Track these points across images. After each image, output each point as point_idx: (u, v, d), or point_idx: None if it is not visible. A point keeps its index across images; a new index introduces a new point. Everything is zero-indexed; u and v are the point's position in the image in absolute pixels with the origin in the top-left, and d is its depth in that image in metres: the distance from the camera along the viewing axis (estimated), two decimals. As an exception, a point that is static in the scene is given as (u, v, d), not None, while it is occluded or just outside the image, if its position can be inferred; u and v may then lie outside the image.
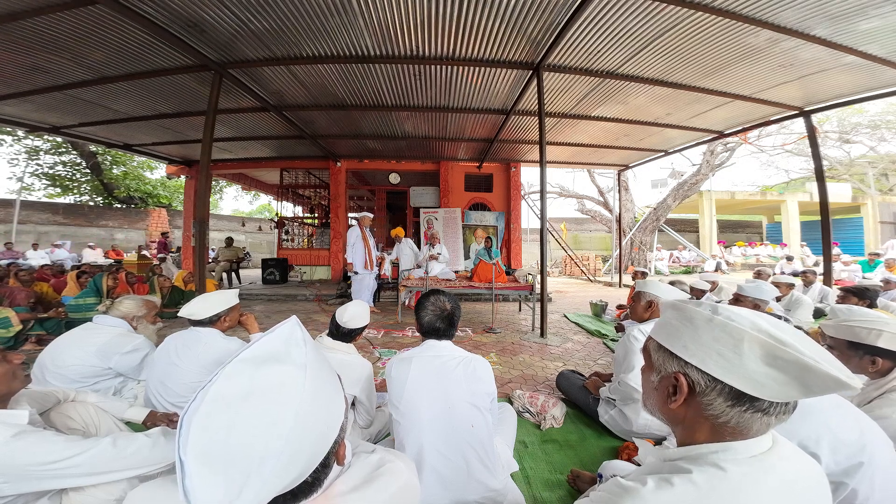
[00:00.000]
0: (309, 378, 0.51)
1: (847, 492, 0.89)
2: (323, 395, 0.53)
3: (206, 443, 0.45)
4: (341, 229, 8.90)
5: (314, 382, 0.52)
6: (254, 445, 0.45)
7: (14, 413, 1.06)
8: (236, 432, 0.45)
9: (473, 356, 1.45)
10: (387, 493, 0.62)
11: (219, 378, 0.49)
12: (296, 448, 0.47)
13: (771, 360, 0.54)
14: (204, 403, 0.47)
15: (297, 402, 0.49)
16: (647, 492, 0.55)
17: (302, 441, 0.48)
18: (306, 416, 0.49)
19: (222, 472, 0.44)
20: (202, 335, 1.90)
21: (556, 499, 1.52)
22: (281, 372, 0.50)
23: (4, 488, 0.97)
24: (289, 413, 0.47)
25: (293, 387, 0.50)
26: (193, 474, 0.43)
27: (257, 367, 0.50)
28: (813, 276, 4.85)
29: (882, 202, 16.80)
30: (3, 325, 3.33)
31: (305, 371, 0.52)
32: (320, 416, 0.52)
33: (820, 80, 4.37)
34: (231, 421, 0.46)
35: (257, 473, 0.44)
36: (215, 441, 0.45)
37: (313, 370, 0.53)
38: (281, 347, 0.54)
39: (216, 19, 3.36)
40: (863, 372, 1.28)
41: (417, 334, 4.13)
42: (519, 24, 3.45)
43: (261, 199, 31.03)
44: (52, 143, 14.89)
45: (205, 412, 0.46)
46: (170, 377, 1.83)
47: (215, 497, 0.43)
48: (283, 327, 0.57)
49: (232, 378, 0.49)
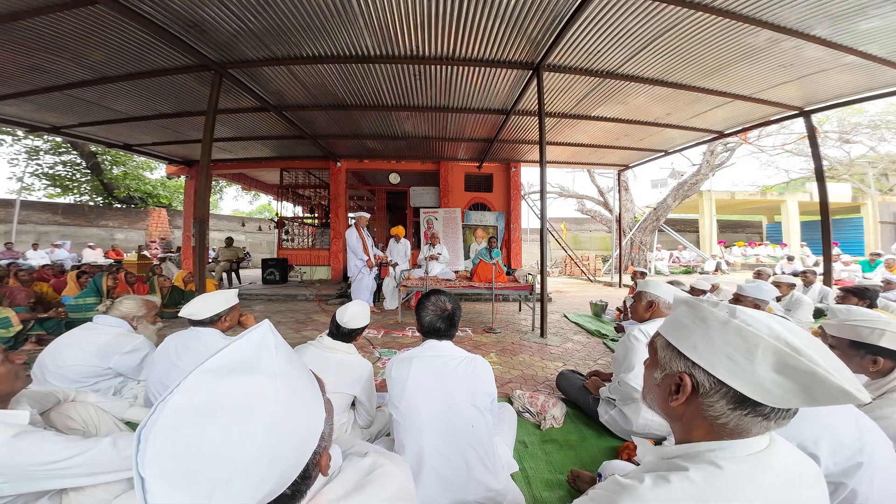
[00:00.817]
0: (280, 387, 0.48)
1: (847, 492, 0.89)
2: (298, 406, 0.49)
3: (167, 459, 0.41)
4: (341, 229, 8.91)
5: (287, 392, 0.48)
6: (219, 462, 0.41)
7: (15, 413, 1.06)
8: (199, 448, 0.41)
9: (474, 356, 1.45)
10: (378, 501, 0.59)
11: (179, 389, 0.45)
12: (267, 463, 0.43)
13: (782, 367, 0.53)
14: (163, 416, 0.43)
15: (267, 415, 0.45)
16: (645, 489, 0.55)
17: (274, 455, 0.44)
18: (278, 429, 0.45)
19: (186, 488, 0.40)
20: (202, 335, 1.90)
21: (556, 499, 1.52)
22: (249, 383, 0.46)
23: (4, 488, 0.97)
24: (257, 426, 0.44)
25: (262, 398, 0.46)
26: (155, 492, 0.40)
27: (223, 378, 0.46)
28: (813, 276, 4.85)
29: (882, 202, 16.81)
30: (3, 325, 3.33)
31: (276, 380, 0.48)
32: (295, 428, 0.48)
33: (820, 80, 4.37)
34: (193, 436, 0.42)
35: (223, 490, 0.40)
36: (176, 457, 0.41)
37: (285, 379, 0.49)
38: (250, 355, 0.50)
39: (216, 19, 3.36)
40: (863, 371, 1.28)
41: (417, 334, 4.13)
42: (519, 24, 3.45)
43: (261, 199, 31.07)
44: (52, 143, 14.89)
45: (164, 426, 0.42)
46: (170, 377, 1.83)
47: None
48: (253, 332, 0.53)
49: (194, 390, 0.45)
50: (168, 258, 10.23)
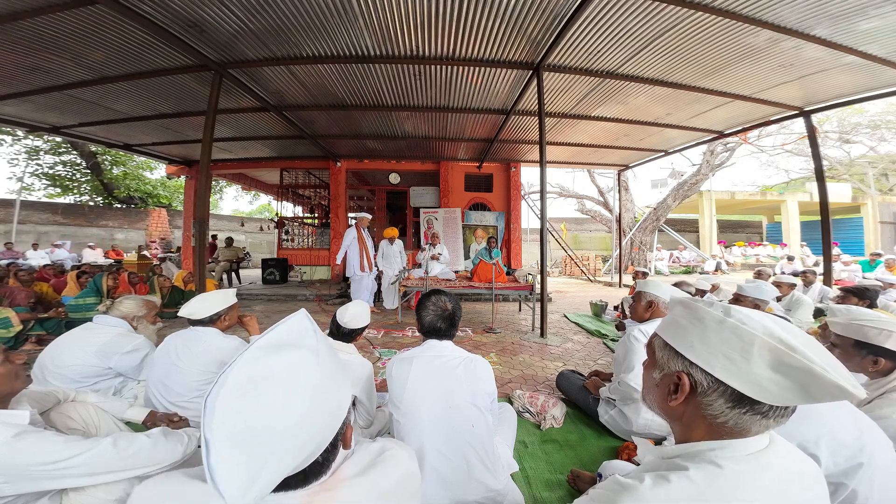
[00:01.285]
0: (321, 362, 0.56)
1: (847, 492, 0.89)
2: (333, 379, 0.58)
3: (230, 424, 0.48)
4: (341, 229, 8.90)
5: (325, 367, 0.57)
6: (273, 425, 0.48)
7: (15, 413, 1.06)
8: (257, 413, 0.49)
9: (474, 356, 1.45)
10: (391, 480, 0.65)
11: (238, 363, 0.52)
12: (310, 427, 0.51)
13: (778, 365, 0.53)
14: (226, 387, 0.50)
15: (311, 384, 0.53)
16: (645, 489, 0.55)
17: (315, 421, 0.52)
18: (319, 397, 0.53)
19: (245, 451, 0.47)
20: (202, 335, 1.90)
21: (556, 499, 1.52)
22: (296, 357, 0.55)
23: (5, 488, 0.97)
24: (304, 394, 0.52)
25: (307, 370, 0.54)
26: (219, 452, 0.46)
27: (274, 353, 0.54)
28: (813, 276, 4.84)
29: (882, 202, 16.81)
30: (3, 325, 3.33)
31: (317, 355, 0.57)
32: (331, 398, 0.56)
33: (820, 80, 4.37)
34: (252, 402, 0.49)
35: (272, 453, 0.47)
36: (238, 421, 0.48)
37: (324, 356, 0.58)
38: (294, 335, 0.58)
39: (216, 19, 3.36)
40: (862, 371, 1.28)
41: (417, 334, 4.13)
42: (519, 24, 3.45)
43: (261, 199, 31.06)
44: (52, 143, 14.89)
45: (227, 395, 0.49)
46: (170, 377, 1.83)
47: (239, 477, 0.46)
48: (293, 318, 0.61)
49: (251, 363, 0.52)
50: (168, 258, 10.23)
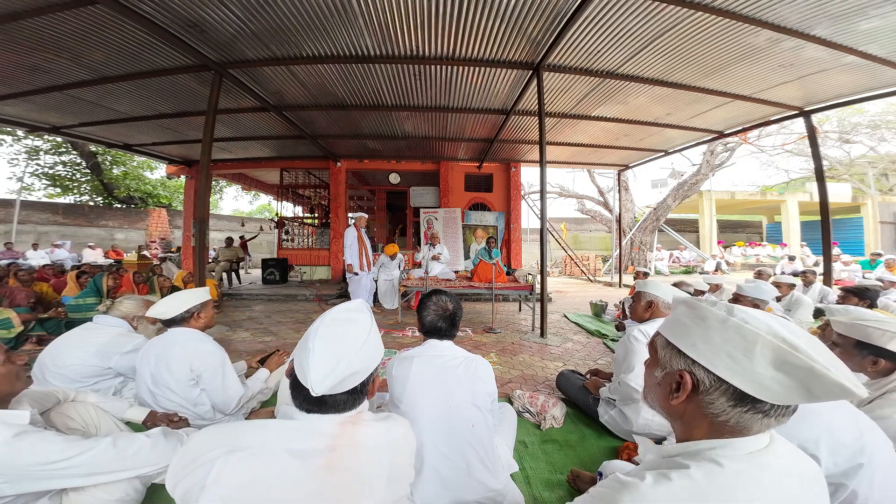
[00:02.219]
0: (372, 324, 0.89)
1: (847, 493, 0.89)
2: (375, 336, 0.87)
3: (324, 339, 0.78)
4: (341, 229, 8.90)
5: (374, 327, 0.89)
6: (346, 342, 0.80)
7: (15, 413, 1.06)
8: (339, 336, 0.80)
9: (474, 356, 1.45)
10: (397, 433, 0.87)
11: (329, 312, 0.87)
12: (362, 353, 0.80)
13: (781, 364, 0.54)
14: (324, 322, 0.82)
15: (367, 330, 0.85)
16: (646, 487, 0.55)
17: (364, 352, 0.81)
18: (369, 340, 0.84)
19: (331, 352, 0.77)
20: (177, 337, 1.81)
21: (556, 499, 1.52)
22: (361, 315, 0.88)
23: (5, 488, 0.97)
24: (362, 333, 0.83)
25: (365, 323, 0.87)
26: (317, 351, 0.76)
27: (346, 310, 0.89)
28: (813, 277, 4.84)
29: (882, 202, 16.80)
30: (4, 325, 3.33)
31: (370, 320, 0.90)
32: (374, 345, 0.85)
33: (820, 80, 4.37)
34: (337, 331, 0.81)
35: (345, 357, 0.77)
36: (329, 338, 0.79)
37: (373, 322, 0.90)
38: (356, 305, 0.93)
39: (216, 19, 3.36)
40: (862, 371, 1.28)
41: (418, 334, 4.13)
42: (519, 24, 3.45)
43: (261, 199, 31.06)
44: (52, 143, 14.89)
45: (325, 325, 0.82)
46: (157, 385, 1.78)
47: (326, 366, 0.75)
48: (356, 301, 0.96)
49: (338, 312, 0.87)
50: (168, 258, 10.23)
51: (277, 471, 0.68)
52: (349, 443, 0.76)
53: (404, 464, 0.87)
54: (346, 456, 0.74)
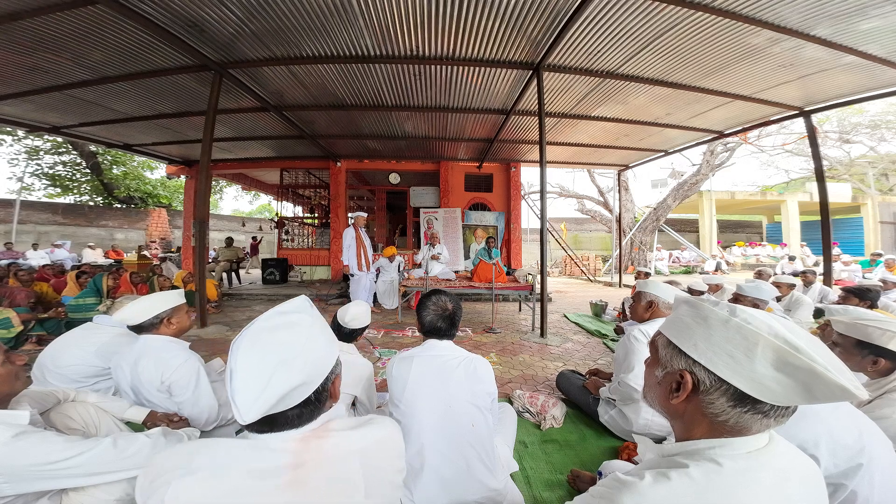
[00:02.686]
0: (315, 323, 0.76)
1: (846, 493, 0.89)
2: (321, 336, 0.75)
3: (247, 356, 0.66)
4: (341, 229, 8.91)
5: (316, 326, 0.76)
6: (279, 353, 0.67)
7: (15, 413, 1.06)
8: (265, 348, 0.67)
9: (474, 356, 1.45)
10: (371, 438, 0.77)
11: (256, 321, 0.72)
12: (302, 363, 0.68)
13: (782, 365, 0.54)
14: (247, 336, 0.69)
15: (306, 333, 0.72)
16: (645, 486, 0.56)
17: (306, 358, 0.69)
18: (310, 343, 0.71)
19: (258, 370, 0.64)
20: (145, 347, 1.65)
21: (556, 499, 1.52)
22: (295, 317, 0.75)
23: (5, 488, 0.97)
24: (299, 338, 0.70)
25: (302, 324, 0.73)
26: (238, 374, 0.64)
27: (279, 314, 0.74)
28: (813, 277, 4.84)
29: (882, 202, 16.80)
30: (4, 325, 3.33)
31: (311, 317, 0.77)
32: (319, 347, 0.73)
33: (820, 80, 4.37)
34: (263, 342, 0.68)
35: (277, 371, 0.65)
36: (252, 355, 0.66)
37: (317, 320, 0.78)
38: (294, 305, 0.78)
39: (216, 19, 3.36)
40: (861, 370, 1.28)
41: (417, 334, 4.12)
42: (519, 24, 3.45)
43: (261, 199, 31.06)
44: (52, 143, 14.88)
45: (246, 339, 0.68)
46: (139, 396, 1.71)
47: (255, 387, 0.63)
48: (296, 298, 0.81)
49: (266, 319, 0.73)
50: (168, 258, 10.23)
51: (237, 493, 0.63)
52: (315, 458, 0.68)
53: (388, 468, 0.80)
54: (313, 471, 0.67)
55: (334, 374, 0.75)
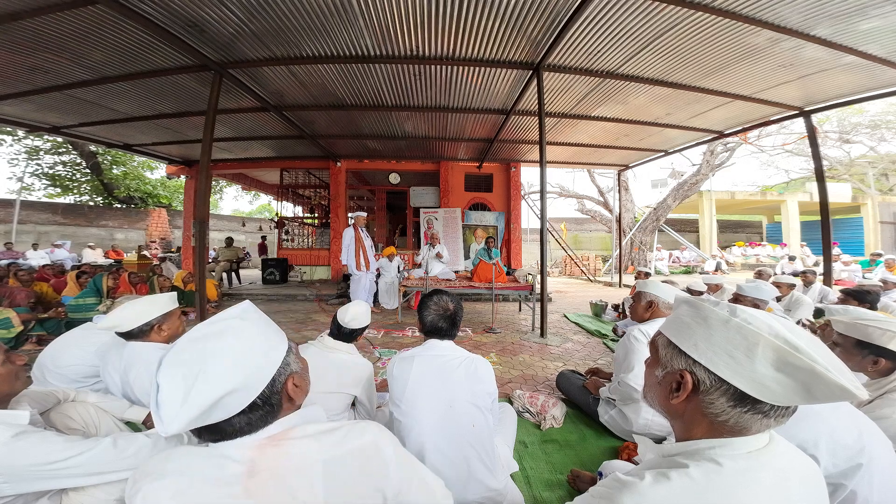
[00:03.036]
0: (249, 327, 0.70)
1: (846, 493, 0.89)
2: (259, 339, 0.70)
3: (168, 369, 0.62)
4: (341, 229, 8.91)
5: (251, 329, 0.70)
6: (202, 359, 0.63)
7: (15, 413, 1.06)
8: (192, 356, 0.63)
9: (475, 356, 1.45)
10: (343, 449, 0.69)
11: (187, 334, 0.68)
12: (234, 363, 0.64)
13: (782, 365, 0.54)
14: (172, 349, 0.65)
15: (234, 340, 0.67)
16: (645, 486, 0.56)
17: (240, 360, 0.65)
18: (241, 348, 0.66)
19: (180, 379, 0.61)
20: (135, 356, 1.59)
21: (556, 499, 1.52)
22: (226, 323, 0.69)
23: (5, 488, 0.97)
24: (226, 345, 0.65)
25: (233, 330, 0.68)
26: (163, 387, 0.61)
27: (208, 323, 0.70)
28: (813, 277, 4.84)
29: (882, 202, 16.80)
30: (4, 325, 3.33)
31: (246, 322, 0.71)
32: (254, 351, 0.68)
33: (820, 80, 4.37)
34: (190, 351, 0.64)
35: (196, 383, 0.60)
36: (177, 364, 0.63)
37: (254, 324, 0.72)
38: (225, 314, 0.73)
39: (216, 19, 3.36)
40: (861, 370, 1.28)
41: (417, 334, 4.13)
42: (519, 24, 3.45)
43: (261, 199, 31.06)
44: (52, 143, 14.88)
45: (172, 351, 0.65)
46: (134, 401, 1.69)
47: (176, 398, 0.59)
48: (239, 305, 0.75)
49: (194, 330, 0.68)
50: (168, 258, 10.23)
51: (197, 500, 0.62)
52: (271, 466, 0.64)
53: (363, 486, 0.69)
54: (269, 480, 0.64)
55: (283, 376, 0.70)
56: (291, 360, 0.74)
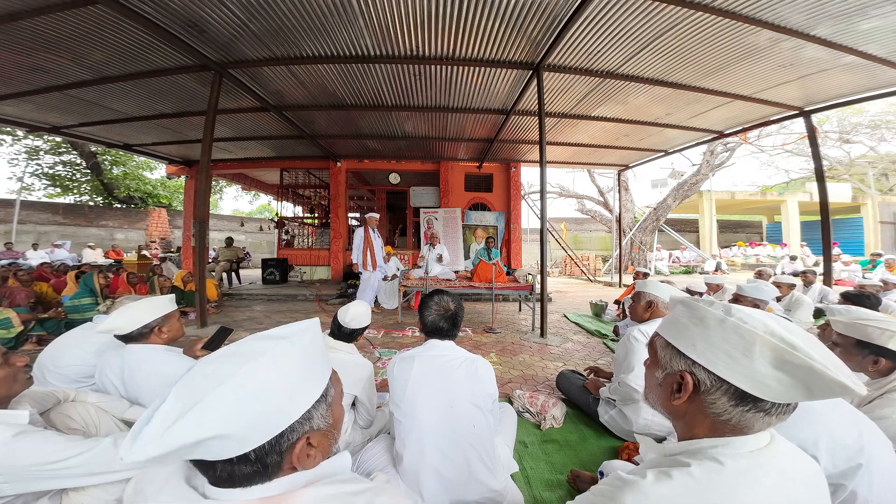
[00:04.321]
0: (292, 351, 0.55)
1: (846, 493, 0.89)
2: (295, 374, 0.55)
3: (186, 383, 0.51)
4: (341, 229, 8.92)
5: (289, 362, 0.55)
6: (214, 384, 0.50)
7: (15, 413, 1.06)
8: (208, 375, 0.51)
9: (475, 356, 1.45)
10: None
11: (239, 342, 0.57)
12: (239, 404, 0.50)
13: (780, 363, 0.54)
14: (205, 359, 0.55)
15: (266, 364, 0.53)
16: (647, 485, 0.56)
17: (247, 401, 0.50)
18: (270, 377, 0.52)
19: (179, 402, 0.48)
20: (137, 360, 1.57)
21: (556, 499, 1.52)
22: (271, 344, 0.55)
23: (5, 488, 0.97)
24: (254, 367, 0.52)
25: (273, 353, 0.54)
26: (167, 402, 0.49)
27: (262, 338, 0.57)
28: (813, 277, 4.84)
29: (882, 202, 16.80)
30: (4, 325, 3.33)
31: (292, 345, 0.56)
32: (277, 390, 0.53)
33: (820, 80, 4.37)
34: (213, 366, 0.53)
35: (196, 410, 0.48)
36: (191, 380, 0.51)
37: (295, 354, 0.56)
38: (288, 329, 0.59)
39: (216, 19, 3.36)
40: (862, 370, 1.28)
41: (418, 334, 4.12)
42: (519, 24, 3.45)
43: (261, 199, 31.05)
44: (52, 143, 14.88)
45: (204, 360, 0.54)
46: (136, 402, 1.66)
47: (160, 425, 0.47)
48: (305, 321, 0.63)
49: (242, 342, 0.57)
50: (168, 258, 10.22)
51: None
52: None
53: None
54: None
55: (296, 433, 0.54)
56: (319, 413, 0.57)
